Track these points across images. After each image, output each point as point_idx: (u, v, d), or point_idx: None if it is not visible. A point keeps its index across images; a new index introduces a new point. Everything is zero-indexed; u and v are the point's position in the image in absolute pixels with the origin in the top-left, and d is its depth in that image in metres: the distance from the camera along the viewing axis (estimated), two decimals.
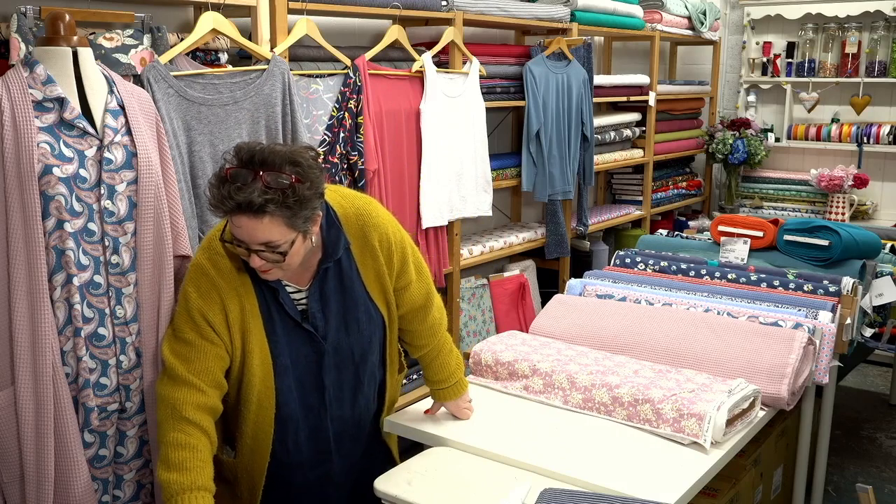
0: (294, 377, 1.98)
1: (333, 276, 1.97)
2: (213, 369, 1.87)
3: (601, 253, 4.49)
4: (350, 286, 2.00)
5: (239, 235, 1.77)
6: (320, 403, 2.03)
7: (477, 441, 2.09)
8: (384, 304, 2.07)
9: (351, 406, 2.09)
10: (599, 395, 2.22)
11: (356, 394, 2.09)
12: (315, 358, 1.99)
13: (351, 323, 2.01)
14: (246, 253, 1.80)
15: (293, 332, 1.95)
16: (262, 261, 1.79)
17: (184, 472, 1.78)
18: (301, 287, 1.96)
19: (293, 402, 1.99)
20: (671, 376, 2.28)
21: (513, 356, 2.43)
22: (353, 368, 2.05)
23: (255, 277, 1.90)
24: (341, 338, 2.00)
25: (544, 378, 2.33)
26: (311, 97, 2.72)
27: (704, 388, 2.19)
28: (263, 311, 1.92)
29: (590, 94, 3.99)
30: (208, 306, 1.87)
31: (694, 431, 2.06)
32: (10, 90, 1.76)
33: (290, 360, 1.96)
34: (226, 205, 1.71)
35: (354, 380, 2.07)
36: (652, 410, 2.13)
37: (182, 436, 1.81)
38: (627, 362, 2.38)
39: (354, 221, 1.99)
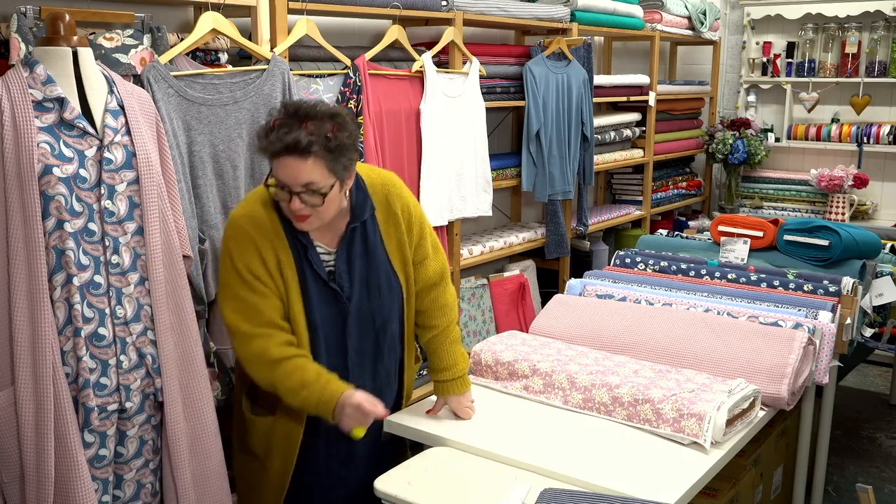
0: (322, 337, 2.06)
1: (359, 239, 2.09)
2: (274, 318, 2.00)
3: (601, 253, 4.49)
4: (374, 251, 2.11)
5: (283, 177, 1.90)
6: (343, 368, 2.09)
7: (477, 441, 2.09)
8: (403, 275, 2.17)
9: (371, 377, 2.16)
10: (599, 395, 2.22)
11: (376, 363, 2.17)
12: (340, 320, 2.08)
13: (373, 288, 2.11)
14: (287, 196, 1.91)
15: (321, 290, 2.05)
16: (301, 204, 1.91)
17: (307, 386, 1.95)
18: (329, 248, 2.08)
19: (322, 361, 2.04)
20: (671, 376, 2.28)
21: (513, 356, 2.43)
22: (374, 336, 2.14)
23: (289, 232, 2.01)
24: (363, 302, 2.10)
25: (544, 378, 2.33)
26: (311, 97, 2.72)
27: (704, 388, 2.19)
28: (298, 265, 2.03)
29: (590, 94, 3.99)
30: (249, 259, 1.99)
31: (694, 431, 2.06)
32: (10, 90, 1.76)
33: (320, 319, 2.05)
34: (274, 146, 1.87)
35: (375, 348, 2.16)
36: (652, 410, 2.13)
37: (283, 370, 1.96)
38: (627, 362, 2.38)
39: (380, 189, 2.14)
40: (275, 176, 1.92)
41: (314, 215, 1.95)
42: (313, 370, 1.98)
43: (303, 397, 1.96)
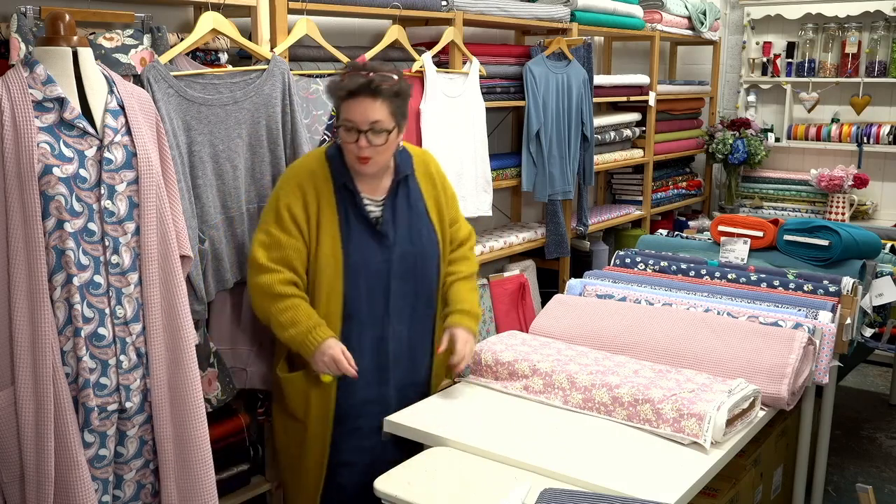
0: (364, 278, 2.28)
1: (403, 193, 2.35)
2: (291, 258, 2.23)
3: (601, 253, 4.49)
4: (415, 204, 2.38)
5: (353, 116, 2.17)
6: (384, 311, 2.31)
7: (477, 441, 2.09)
8: (440, 230, 2.42)
9: (408, 326, 2.36)
10: (599, 395, 2.22)
11: (413, 312, 2.37)
12: (385, 264, 2.30)
13: (415, 235, 2.35)
14: (354, 137, 2.17)
15: (366, 237, 2.28)
16: (366, 143, 2.17)
17: (296, 325, 2.20)
18: (375, 198, 2.32)
19: (361, 303, 2.28)
20: (671, 376, 2.28)
21: (513, 356, 2.43)
22: (414, 283, 2.35)
23: (337, 184, 2.27)
24: (406, 248, 2.32)
25: (544, 378, 2.33)
26: (311, 97, 2.72)
27: (704, 388, 2.19)
28: (340, 212, 2.27)
29: (590, 94, 3.99)
30: (293, 199, 2.24)
31: (694, 431, 2.06)
32: (10, 90, 1.76)
33: (362, 261, 2.27)
34: (349, 86, 2.16)
35: (413, 296, 2.36)
36: (652, 410, 2.13)
37: (280, 305, 2.21)
38: (627, 362, 2.39)
39: (419, 154, 2.47)
40: (344, 119, 2.18)
41: (374, 157, 2.21)
42: (305, 312, 2.21)
43: (290, 334, 2.20)
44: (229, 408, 2.63)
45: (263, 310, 2.25)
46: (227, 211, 2.44)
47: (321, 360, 2.20)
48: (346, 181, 2.28)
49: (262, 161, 2.51)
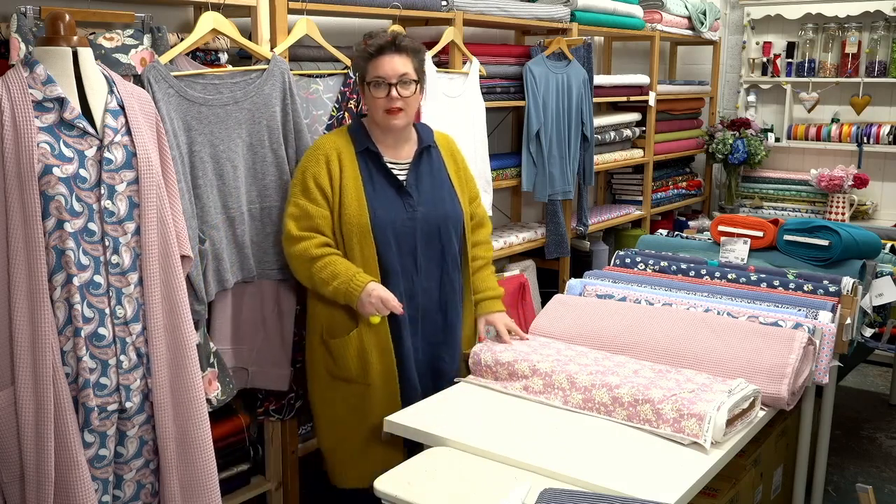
0: (392, 234, 2.41)
1: (426, 160, 2.53)
2: (321, 226, 2.40)
3: (601, 253, 4.49)
4: (438, 173, 2.55)
5: (383, 72, 2.36)
6: (413, 267, 2.47)
7: (477, 441, 2.09)
8: (463, 199, 2.58)
9: (438, 284, 2.52)
10: (599, 396, 2.22)
11: (442, 272, 2.52)
12: (410, 224, 2.44)
13: (438, 200, 2.50)
14: (385, 91, 2.36)
15: (391, 195, 2.44)
16: (397, 94, 2.36)
17: (337, 277, 2.34)
18: (399, 161, 2.49)
19: (392, 257, 2.42)
20: (671, 376, 2.28)
21: (512, 356, 2.43)
22: (440, 245, 2.50)
23: (360, 151, 2.43)
24: (430, 210, 2.48)
25: (544, 378, 2.33)
26: (311, 97, 2.72)
27: (704, 388, 2.19)
28: (364, 173, 2.43)
29: (590, 94, 3.99)
30: (317, 169, 2.40)
31: (694, 431, 2.06)
32: (10, 90, 1.76)
33: (388, 218, 2.41)
34: (376, 45, 2.36)
35: (440, 257, 2.51)
36: (652, 411, 2.13)
37: (318, 264, 2.36)
38: (627, 362, 2.39)
39: (440, 133, 2.64)
40: (374, 76, 2.37)
41: (404, 108, 2.39)
42: (343, 264, 2.36)
43: (334, 287, 2.35)
44: (229, 408, 2.63)
45: (304, 274, 2.41)
46: (227, 211, 2.44)
47: (368, 301, 2.33)
48: (369, 145, 2.44)
49: (262, 161, 2.51)
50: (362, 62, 2.40)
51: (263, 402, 2.72)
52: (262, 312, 2.60)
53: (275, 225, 2.56)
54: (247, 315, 2.58)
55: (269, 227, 2.55)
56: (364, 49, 2.40)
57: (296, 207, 2.40)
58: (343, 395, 2.49)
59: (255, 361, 2.61)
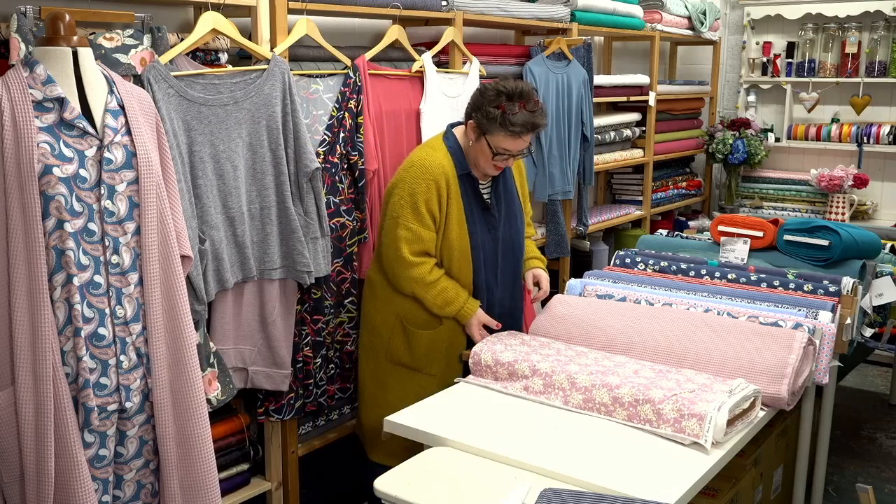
0: (482, 255, 2.64)
1: (502, 179, 2.71)
2: (430, 248, 2.58)
3: (601, 253, 4.49)
4: (510, 188, 2.75)
5: (511, 148, 2.53)
6: (494, 282, 2.72)
7: (477, 441, 2.09)
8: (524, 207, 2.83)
9: (511, 294, 2.79)
10: (600, 396, 2.22)
11: (514, 283, 2.80)
12: (493, 243, 2.68)
13: (512, 218, 2.73)
14: (505, 158, 2.55)
15: (481, 219, 2.64)
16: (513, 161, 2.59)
17: (452, 303, 2.61)
18: (484, 182, 2.68)
19: (480, 273, 2.66)
20: (671, 376, 2.28)
21: (512, 356, 2.43)
22: (513, 258, 2.76)
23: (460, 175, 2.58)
24: (505, 230, 2.71)
25: (544, 378, 2.33)
26: (311, 97, 2.72)
27: (705, 388, 2.19)
28: (464, 199, 2.60)
29: (590, 94, 3.99)
30: (430, 195, 2.54)
31: (695, 432, 2.06)
32: (10, 90, 1.76)
33: (481, 241, 2.63)
34: (525, 126, 2.49)
35: (513, 269, 2.78)
36: (653, 411, 2.13)
37: (433, 291, 2.59)
38: (627, 362, 2.39)
39: None
40: (503, 148, 2.52)
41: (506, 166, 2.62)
42: (454, 291, 2.60)
43: (447, 311, 2.61)
44: (229, 408, 2.63)
45: (419, 296, 2.61)
46: (227, 211, 2.44)
47: (472, 326, 2.63)
48: (469, 171, 2.61)
49: (262, 161, 2.51)
50: (495, 126, 2.48)
51: (263, 402, 2.72)
52: (263, 312, 2.60)
53: (274, 225, 2.56)
54: (247, 315, 2.58)
55: (269, 226, 2.55)
56: (504, 120, 2.47)
57: (407, 231, 2.54)
58: (399, 381, 2.70)
59: (255, 361, 2.61)
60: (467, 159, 2.61)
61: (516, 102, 2.48)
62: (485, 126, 2.51)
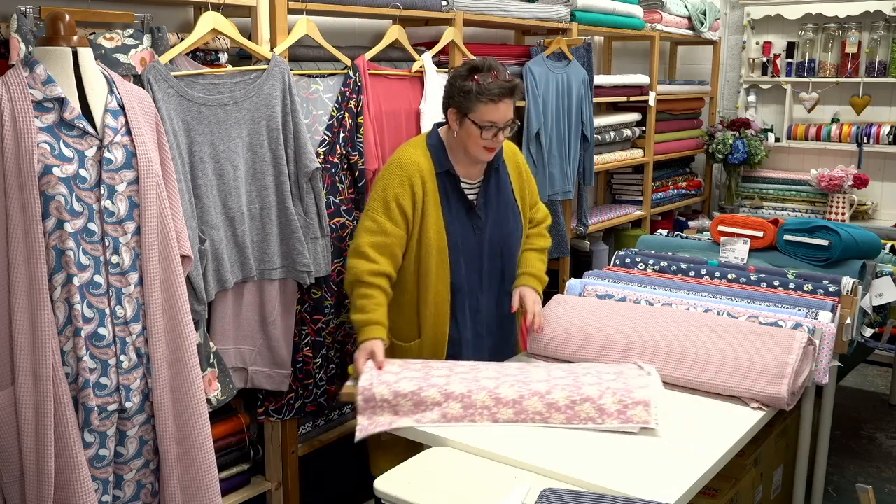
0: (462, 254, 2.51)
1: (495, 179, 2.59)
2: (393, 246, 2.45)
3: (601, 253, 4.49)
4: (504, 190, 2.61)
5: (496, 118, 2.39)
6: (479, 285, 2.58)
7: (477, 441, 2.09)
8: (523, 213, 2.66)
9: (496, 301, 2.63)
10: (532, 405, 2.16)
11: (500, 289, 2.63)
12: (478, 244, 2.55)
13: (503, 219, 2.59)
14: (493, 132, 2.41)
15: (463, 218, 2.52)
16: (502, 137, 2.44)
17: (363, 313, 2.40)
18: (471, 181, 2.55)
19: (461, 275, 2.52)
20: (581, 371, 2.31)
21: (413, 384, 2.19)
22: (501, 261, 2.61)
23: (440, 173, 2.48)
24: (496, 229, 2.57)
25: (461, 400, 2.16)
26: (312, 97, 2.72)
27: (620, 374, 2.26)
28: (442, 197, 2.49)
29: (590, 94, 3.99)
30: (401, 191, 2.44)
31: (643, 418, 2.11)
32: (10, 90, 1.76)
33: (462, 241, 2.51)
34: (496, 90, 2.37)
35: (500, 274, 2.62)
36: (594, 408, 2.14)
37: (360, 290, 2.42)
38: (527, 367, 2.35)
39: (508, 146, 2.67)
40: (486, 120, 2.38)
41: (497, 146, 2.46)
42: (374, 306, 2.41)
43: (355, 317, 2.43)
44: (229, 408, 2.63)
45: (348, 289, 2.50)
46: (227, 211, 2.44)
47: (357, 353, 2.38)
48: (449, 168, 2.49)
49: (262, 161, 2.51)
50: (473, 100, 2.38)
51: (263, 402, 2.72)
52: (263, 312, 2.61)
53: (274, 225, 2.56)
54: (247, 315, 2.58)
55: (269, 226, 2.55)
56: (480, 89, 2.37)
57: (373, 222, 2.44)
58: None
59: (255, 361, 2.61)
60: (452, 155, 2.50)
61: (488, 73, 2.40)
62: (464, 105, 2.40)
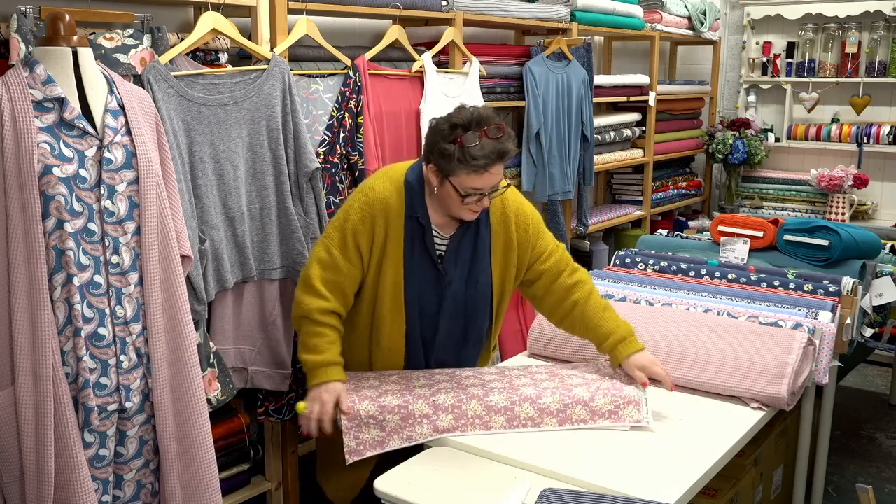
0: (419, 306, 2.29)
1: (471, 235, 2.29)
2: (343, 284, 2.25)
3: (601, 253, 4.49)
4: (480, 249, 2.31)
5: (478, 185, 2.12)
6: (432, 343, 2.35)
7: (477, 441, 2.09)
8: (500, 279, 2.36)
9: (455, 357, 2.39)
10: (524, 411, 2.15)
11: (461, 349, 2.39)
12: (437, 300, 2.30)
13: (470, 281, 2.31)
14: (477, 198, 2.15)
15: (427, 269, 2.27)
16: (487, 202, 2.19)
17: (316, 354, 2.20)
18: (444, 233, 2.29)
19: (416, 328, 2.31)
20: (565, 372, 2.34)
21: (399, 398, 2.14)
22: (464, 323, 2.35)
23: (409, 217, 2.24)
24: (460, 289, 2.30)
25: (452, 411, 2.13)
26: (311, 97, 2.72)
27: (604, 375, 2.30)
28: (407, 243, 2.25)
29: (590, 94, 3.99)
30: (361, 229, 2.22)
31: (635, 417, 2.15)
32: (10, 90, 1.76)
33: (419, 294, 2.27)
34: (484, 161, 2.09)
35: (462, 335, 2.37)
36: (585, 410, 2.16)
37: (310, 328, 2.23)
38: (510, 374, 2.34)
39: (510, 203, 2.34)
40: (470, 187, 2.12)
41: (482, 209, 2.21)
42: (327, 345, 2.22)
43: (306, 358, 2.23)
44: (229, 408, 2.63)
45: (296, 324, 2.30)
46: (227, 211, 2.44)
47: (318, 394, 2.17)
48: (420, 216, 2.24)
49: (262, 161, 2.51)
50: (455, 166, 2.10)
51: (263, 402, 2.72)
52: (263, 312, 2.61)
53: (274, 225, 2.56)
54: (247, 315, 2.58)
55: (268, 226, 2.55)
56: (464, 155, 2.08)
57: (328, 255, 2.23)
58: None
59: (255, 361, 2.61)
60: (430, 200, 2.25)
61: (475, 131, 2.09)
62: (444, 167, 2.12)
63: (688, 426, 2.19)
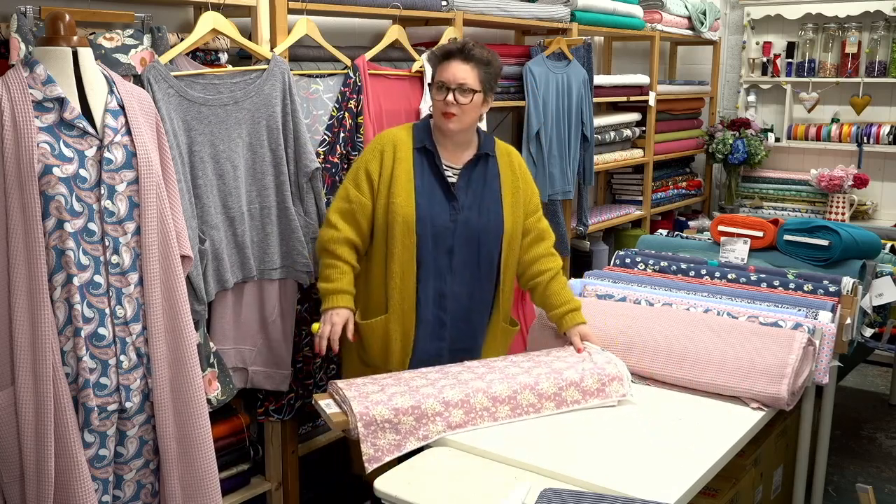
0: (431, 231, 2.46)
1: (481, 169, 2.55)
2: (356, 212, 2.47)
3: (601, 253, 4.49)
4: (491, 183, 2.56)
5: (445, 76, 2.43)
6: (448, 267, 2.50)
7: (477, 441, 2.09)
8: (511, 216, 2.56)
9: (468, 294, 2.54)
10: (525, 398, 2.20)
11: (473, 278, 2.54)
12: (450, 223, 2.48)
13: (483, 209, 2.52)
14: (444, 94, 2.42)
15: (438, 195, 2.48)
16: (452, 99, 2.41)
17: (328, 282, 2.46)
18: (454, 165, 2.53)
19: (428, 250, 2.47)
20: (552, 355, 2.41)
21: (411, 399, 2.13)
22: (476, 253, 2.52)
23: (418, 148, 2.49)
24: (472, 216, 2.50)
25: (462, 406, 2.15)
26: (312, 97, 2.72)
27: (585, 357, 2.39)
28: (417, 168, 2.48)
29: (590, 94, 3.99)
30: (371, 158, 2.49)
31: (620, 392, 2.29)
32: (10, 90, 1.76)
33: (430, 215, 2.46)
34: (446, 48, 2.47)
35: (475, 265, 2.53)
36: (578, 391, 2.25)
37: (327, 260, 2.48)
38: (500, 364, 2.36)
39: (504, 145, 2.65)
40: (437, 79, 2.45)
41: (459, 115, 2.43)
42: (338, 275, 2.45)
43: (321, 286, 2.47)
44: (229, 408, 2.63)
45: (318, 249, 2.53)
46: (227, 211, 2.44)
47: (329, 317, 2.43)
48: (427, 143, 2.49)
49: (262, 161, 2.51)
50: (433, 64, 2.52)
51: (263, 402, 2.72)
52: (263, 312, 2.61)
53: (274, 225, 2.56)
54: (247, 315, 2.58)
55: (269, 226, 2.55)
56: (435, 52, 2.53)
57: (343, 190, 2.50)
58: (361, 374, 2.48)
59: (255, 361, 2.61)
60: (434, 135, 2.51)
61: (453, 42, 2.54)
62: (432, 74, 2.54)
63: (688, 426, 2.19)
